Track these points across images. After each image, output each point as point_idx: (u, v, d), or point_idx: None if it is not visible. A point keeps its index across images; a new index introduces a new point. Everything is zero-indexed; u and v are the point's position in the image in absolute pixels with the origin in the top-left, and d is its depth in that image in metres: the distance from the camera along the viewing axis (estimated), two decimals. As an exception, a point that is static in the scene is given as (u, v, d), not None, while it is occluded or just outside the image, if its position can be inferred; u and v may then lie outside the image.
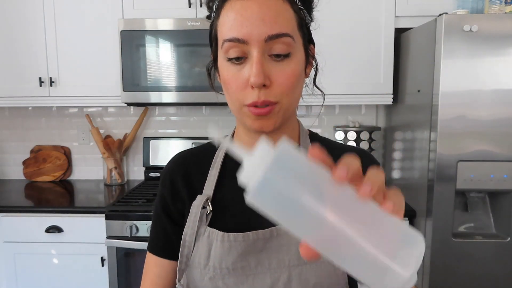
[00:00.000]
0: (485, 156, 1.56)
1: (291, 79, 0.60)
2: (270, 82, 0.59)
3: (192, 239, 0.68)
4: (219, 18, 0.62)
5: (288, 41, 0.58)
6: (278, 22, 0.57)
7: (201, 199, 0.69)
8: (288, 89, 0.60)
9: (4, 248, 1.88)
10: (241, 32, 0.57)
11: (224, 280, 0.65)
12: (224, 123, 2.38)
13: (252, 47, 0.58)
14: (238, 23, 0.58)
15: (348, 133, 2.14)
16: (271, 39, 0.57)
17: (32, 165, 2.39)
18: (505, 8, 1.67)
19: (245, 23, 0.57)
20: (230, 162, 0.73)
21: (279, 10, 0.58)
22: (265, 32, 0.57)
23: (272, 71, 0.59)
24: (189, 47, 1.93)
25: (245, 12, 0.57)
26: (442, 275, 1.64)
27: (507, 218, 1.61)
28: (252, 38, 0.57)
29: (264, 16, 0.57)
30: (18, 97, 2.08)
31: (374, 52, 1.95)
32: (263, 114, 0.61)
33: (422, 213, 1.71)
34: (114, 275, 1.81)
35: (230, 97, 0.64)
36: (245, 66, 0.60)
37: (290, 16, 0.59)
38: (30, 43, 2.04)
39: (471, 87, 1.54)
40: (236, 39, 0.58)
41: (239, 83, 0.60)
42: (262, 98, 0.59)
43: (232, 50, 0.59)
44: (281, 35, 0.58)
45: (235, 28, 0.58)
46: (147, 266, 0.75)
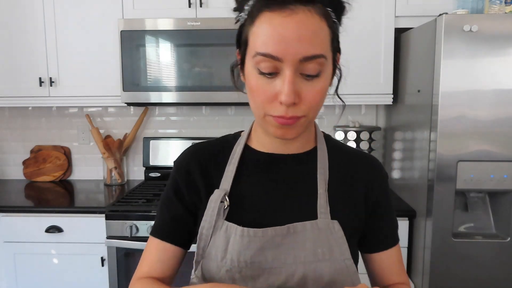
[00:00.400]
0: (485, 156, 1.56)
1: (319, 96, 0.62)
2: (299, 99, 0.60)
3: (209, 232, 0.69)
4: (253, 26, 0.61)
5: (321, 61, 0.59)
6: (314, 44, 0.58)
7: (219, 194, 0.70)
8: (315, 105, 0.62)
9: (4, 248, 1.88)
10: (276, 50, 0.57)
11: (241, 273, 0.67)
12: (224, 123, 2.38)
13: (286, 65, 0.58)
14: (275, 40, 0.57)
15: (348, 133, 2.14)
16: (306, 60, 0.58)
17: (32, 165, 2.39)
18: (505, 8, 1.67)
19: (282, 42, 0.57)
20: (248, 158, 0.75)
21: (316, 30, 0.58)
22: (300, 53, 0.57)
23: (302, 89, 0.60)
24: (189, 47, 1.93)
25: (283, 30, 0.57)
26: (442, 275, 1.64)
27: (507, 218, 1.61)
28: (287, 58, 0.57)
29: (301, 37, 0.57)
30: (18, 97, 2.08)
31: (374, 52, 1.95)
32: (288, 124, 0.62)
33: (422, 213, 1.71)
34: (114, 275, 1.81)
35: (255, 104, 0.64)
36: (275, 80, 0.60)
37: (325, 35, 0.60)
38: (30, 43, 2.04)
39: (471, 87, 1.54)
40: (270, 55, 0.58)
41: (267, 95, 0.61)
42: (290, 114, 0.60)
43: (264, 64, 0.59)
44: (315, 57, 0.58)
45: (271, 45, 0.57)
46: (147, 250, 0.75)
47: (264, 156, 0.74)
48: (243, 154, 0.75)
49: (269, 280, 0.67)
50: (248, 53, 0.63)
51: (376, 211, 0.76)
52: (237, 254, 0.67)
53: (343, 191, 0.73)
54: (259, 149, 0.75)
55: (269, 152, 0.74)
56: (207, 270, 0.70)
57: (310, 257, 0.67)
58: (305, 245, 0.67)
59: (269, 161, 0.74)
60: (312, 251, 0.67)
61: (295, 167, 0.74)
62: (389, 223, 0.79)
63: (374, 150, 2.16)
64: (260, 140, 0.75)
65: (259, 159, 0.74)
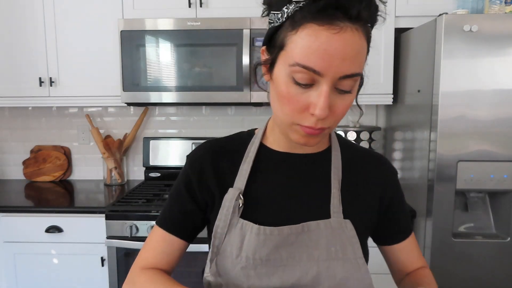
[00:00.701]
0: (485, 156, 1.56)
1: (347, 109, 0.64)
2: (330, 112, 0.61)
3: (224, 231, 0.70)
4: (295, 34, 0.58)
5: (357, 78, 0.61)
6: (356, 63, 0.58)
7: (234, 193, 0.71)
8: (342, 117, 0.64)
9: (4, 248, 1.88)
10: (319, 65, 0.57)
11: (256, 270, 0.68)
12: (224, 123, 2.38)
13: (325, 80, 0.58)
14: (319, 55, 0.56)
15: (348, 133, 2.14)
16: (345, 78, 0.58)
17: (32, 165, 2.39)
18: (505, 8, 1.67)
19: (327, 58, 0.56)
20: (263, 157, 0.76)
21: (359, 50, 0.58)
22: (342, 72, 0.57)
23: (334, 103, 0.61)
24: (189, 47, 1.93)
25: (330, 47, 0.56)
26: (442, 275, 1.64)
27: (507, 218, 1.61)
28: (328, 74, 0.57)
29: (346, 56, 0.56)
30: (18, 97, 2.08)
31: (374, 52, 1.94)
32: (314, 134, 0.63)
33: (422, 213, 1.71)
34: (114, 275, 1.81)
35: (283, 112, 0.63)
36: (310, 91, 0.59)
37: (365, 53, 0.61)
38: (30, 43, 2.04)
39: (471, 87, 1.54)
40: (312, 69, 0.57)
41: (300, 105, 0.60)
42: (319, 126, 0.61)
43: (302, 75, 0.58)
44: (354, 75, 0.59)
45: (315, 59, 0.56)
46: (153, 239, 0.76)
47: (279, 155, 0.75)
48: (258, 153, 0.76)
49: (283, 277, 0.68)
50: (283, 58, 0.61)
51: (392, 207, 0.80)
52: (252, 252, 0.68)
53: (355, 191, 0.75)
54: (275, 148, 0.76)
55: (284, 151, 0.75)
56: (222, 267, 0.70)
57: (324, 255, 0.68)
58: (318, 243, 0.69)
59: (284, 160, 0.75)
60: (326, 249, 0.69)
61: (309, 166, 0.75)
62: (404, 215, 0.84)
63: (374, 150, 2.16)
64: (276, 139, 0.76)
65: (274, 158, 0.75)
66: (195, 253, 1.77)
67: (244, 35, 1.85)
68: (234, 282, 0.69)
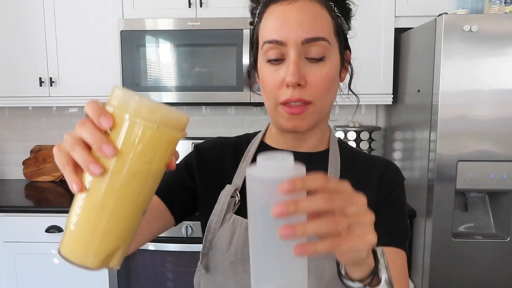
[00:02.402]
0: (485, 156, 1.56)
1: (325, 81, 0.63)
2: (305, 82, 0.62)
3: (217, 226, 0.71)
4: (261, 23, 0.66)
5: (323, 44, 0.62)
6: (315, 27, 0.61)
7: (230, 189, 0.72)
8: (322, 90, 0.63)
9: (4, 248, 1.88)
10: (280, 35, 0.61)
11: (244, 266, 0.68)
12: (224, 123, 2.38)
13: (290, 48, 0.61)
14: (278, 26, 0.62)
15: (348, 133, 2.14)
16: (308, 42, 0.61)
17: (32, 165, 2.39)
18: (505, 8, 1.67)
19: (285, 26, 0.61)
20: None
21: (317, 16, 0.62)
22: (302, 35, 0.60)
23: (307, 72, 0.62)
24: (189, 47, 1.93)
25: (285, 16, 0.61)
26: (442, 275, 1.64)
27: (507, 218, 1.61)
28: (290, 41, 0.61)
29: (303, 21, 0.61)
30: (18, 97, 2.08)
31: (374, 52, 1.95)
32: (297, 113, 0.63)
33: (422, 213, 1.71)
34: (114, 275, 1.81)
35: (266, 96, 0.67)
36: (282, 67, 0.63)
37: (327, 22, 0.63)
38: (30, 43, 2.04)
39: (471, 87, 1.54)
40: (275, 41, 0.61)
41: (275, 82, 0.64)
42: (296, 96, 0.62)
43: (271, 52, 0.63)
44: (317, 39, 0.61)
45: (275, 31, 0.62)
46: None
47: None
48: (258, 150, 0.76)
49: None
50: (259, 49, 0.66)
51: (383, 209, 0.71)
52: (241, 246, 0.68)
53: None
54: (273, 145, 0.77)
55: (282, 149, 0.76)
56: (212, 261, 0.71)
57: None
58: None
59: None
60: None
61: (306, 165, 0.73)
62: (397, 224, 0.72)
63: (374, 150, 2.16)
64: (275, 137, 0.76)
65: None
66: (195, 253, 1.77)
67: (244, 35, 1.85)
68: (222, 277, 0.70)
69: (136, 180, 0.40)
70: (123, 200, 0.40)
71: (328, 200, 0.39)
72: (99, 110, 0.39)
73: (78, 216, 0.41)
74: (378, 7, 1.93)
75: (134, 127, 0.38)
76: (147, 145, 0.39)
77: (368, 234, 0.41)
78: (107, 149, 0.38)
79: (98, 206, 0.40)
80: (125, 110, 0.39)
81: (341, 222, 0.39)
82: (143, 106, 0.38)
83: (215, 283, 0.71)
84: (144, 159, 0.39)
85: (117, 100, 0.40)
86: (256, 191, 0.41)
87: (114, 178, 0.39)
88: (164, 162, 0.42)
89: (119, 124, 0.39)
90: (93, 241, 0.40)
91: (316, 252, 0.39)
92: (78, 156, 0.39)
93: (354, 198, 0.41)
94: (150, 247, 1.75)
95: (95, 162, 0.39)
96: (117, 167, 0.39)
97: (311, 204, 0.38)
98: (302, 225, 0.38)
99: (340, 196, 0.40)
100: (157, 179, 0.42)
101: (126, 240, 0.43)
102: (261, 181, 0.40)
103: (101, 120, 0.39)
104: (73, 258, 0.41)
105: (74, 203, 0.42)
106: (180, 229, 1.75)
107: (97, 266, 0.41)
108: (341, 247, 0.40)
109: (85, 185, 0.40)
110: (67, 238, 0.41)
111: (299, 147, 0.75)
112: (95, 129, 0.39)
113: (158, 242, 1.76)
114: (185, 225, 1.75)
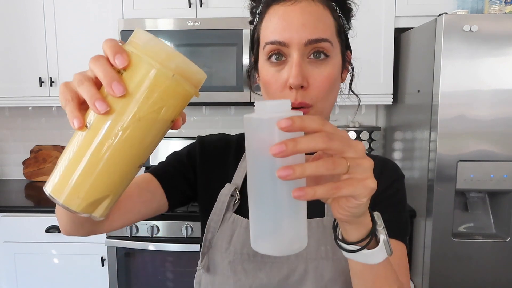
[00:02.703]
0: (485, 156, 1.56)
1: (328, 82, 0.62)
2: (308, 84, 0.61)
3: (217, 225, 0.71)
4: (262, 23, 0.65)
5: (326, 46, 0.61)
6: (318, 28, 0.60)
7: (230, 188, 0.72)
8: (323, 92, 0.62)
9: (4, 248, 1.88)
10: (282, 36, 0.60)
11: (243, 265, 0.68)
12: (224, 123, 2.38)
13: (292, 50, 0.60)
14: (280, 27, 0.61)
15: (348, 133, 2.14)
16: (311, 43, 0.60)
17: (32, 165, 2.39)
18: (505, 8, 1.67)
19: (287, 28, 0.60)
20: None
21: (319, 17, 0.61)
22: (305, 36, 0.60)
23: (309, 73, 0.61)
24: (189, 47, 1.93)
25: (288, 17, 0.60)
26: (442, 275, 1.64)
27: (507, 218, 1.61)
28: (292, 42, 0.60)
29: (305, 22, 0.60)
30: (18, 97, 2.08)
31: (374, 52, 1.95)
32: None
33: (422, 213, 1.71)
34: (114, 275, 1.81)
35: (268, 97, 0.66)
36: (284, 68, 0.62)
37: (330, 23, 0.62)
38: (30, 43, 2.04)
39: (471, 87, 1.54)
40: (277, 42, 0.61)
41: (278, 84, 0.62)
42: (299, 100, 0.61)
43: (273, 52, 0.62)
44: (320, 40, 0.60)
45: (278, 32, 0.61)
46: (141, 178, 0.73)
47: None
48: None
49: (270, 274, 0.67)
50: (260, 49, 0.65)
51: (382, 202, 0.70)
52: (240, 246, 0.68)
53: None
54: None
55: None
56: (212, 260, 0.71)
57: (313, 254, 0.67)
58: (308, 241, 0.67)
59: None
60: (315, 248, 0.67)
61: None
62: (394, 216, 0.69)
63: (374, 150, 2.16)
64: None
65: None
66: (195, 253, 1.77)
67: (244, 35, 1.85)
68: (221, 277, 0.69)
69: (139, 126, 0.38)
70: (122, 144, 0.38)
71: (328, 140, 0.37)
72: (116, 48, 0.37)
73: (73, 154, 0.39)
74: (378, 7, 1.93)
75: (149, 70, 0.37)
76: (159, 91, 0.37)
77: (368, 178, 0.40)
78: (117, 87, 0.37)
79: (95, 146, 0.38)
80: (142, 51, 0.37)
81: (341, 163, 0.38)
82: (161, 50, 0.37)
83: (214, 283, 0.71)
84: (152, 106, 0.38)
85: (136, 40, 0.38)
86: (255, 132, 0.39)
87: (117, 120, 0.37)
88: (172, 116, 0.40)
89: (134, 65, 0.37)
90: (84, 182, 0.38)
91: (315, 195, 0.37)
92: (86, 91, 0.38)
93: (353, 142, 0.40)
94: (150, 247, 1.75)
95: (102, 99, 0.37)
96: (123, 109, 0.37)
97: (311, 143, 0.37)
98: (301, 166, 0.36)
99: (339, 138, 0.38)
100: (161, 132, 0.40)
101: (117, 190, 0.41)
102: (259, 122, 0.39)
103: (116, 57, 0.37)
104: (59, 197, 0.39)
105: (71, 141, 0.40)
106: (180, 229, 1.75)
107: (82, 210, 0.39)
108: (340, 190, 0.38)
109: (87, 123, 0.38)
110: (56, 176, 0.40)
111: None
112: (108, 66, 0.38)
113: (158, 242, 1.76)
114: (185, 225, 1.75)
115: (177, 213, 1.76)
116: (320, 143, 0.37)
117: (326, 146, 0.37)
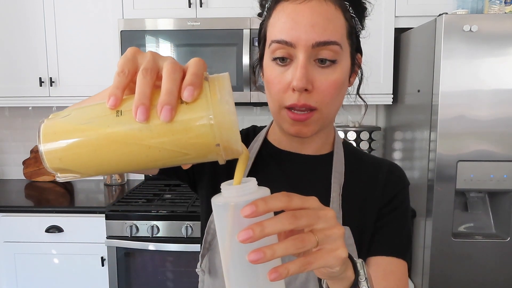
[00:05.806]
0: (485, 156, 1.56)
1: (334, 87, 0.60)
2: (312, 87, 0.59)
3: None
4: (270, 19, 0.62)
5: (335, 49, 0.58)
6: (328, 30, 0.57)
7: None
8: (329, 97, 0.60)
9: (4, 248, 1.88)
10: (290, 36, 0.58)
11: None
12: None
13: (299, 51, 0.58)
14: (288, 26, 0.58)
15: (348, 133, 2.14)
16: (319, 46, 0.57)
17: (32, 165, 2.39)
18: (505, 8, 1.67)
19: (295, 27, 0.57)
20: (265, 152, 0.74)
21: (330, 18, 0.58)
22: (313, 38, 0.57)
23: (315, 76, 0.59)
24: (189, 47, 1.93)
25: (297, 16, 0.57)
26: (442, 275, 1.64)
27: (507, 218, 1.61)
28: (300, 43, 0.57)
29: (315, 23, 0.57)
30: (18, 97, 2.08)
31: (374, 52, 1.95)
32: (301, 120, 0.61)
33: (422, 213, 1.71)
34: (114, 275, 1.81)
35: (271, 97, 0.64)
36: (289, 69, 0.60)
37: (341, 24, 0.59)
38: (30, 43, 2.04)
39: (471, 87, 1.54)
40: (284, 41, 0.58)
41: (282, 84, 0.60)
42: (302, 102, 0.59)
43: (279, 52, 0.59)
44: (329, 43, 0.57)
45: (285, 31, 0.58)
46: None
47: (280, 154, 0.73)
48: (261, 148, 0.74)
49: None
50: (266, 46, 0.63)
51: (386, 216, 0.70)
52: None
53: (357, 198, 0.70)
54: (276, 145, 0.74)
55: (286, 150, 0.73)
56: (213, 263, 0.70)
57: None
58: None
59: (285, 158, 0.72)
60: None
61: (310, 168, 0.72)
62: (396, 231, 0.70)
63: (374, 150, 2.16)
64: (277, 137, 0.74)
65: (275, 155, 0.73)
66: (195, 253, 1.77)
67: (244, 35, 1.85)
68: (221, 280, 0.68)
69: (154, 153, 0.37)
70: (130, 155, 0.37)
71: (294, 219, 0.37)
72: (195, 79, 0.35)
73: (82, 121, 0.37)
74: (378, 7, 1.93)
75: (203, 122, 0.35)
76: (194, 143, 0.36)
77: (338, 249, 0.40)
78: (165, 113, 0.34)
79: (108, 135, 0.36)
80: (212, 103, 0.35)
81: (309, 239, 0.38)
82: (228, 114, 0.35)
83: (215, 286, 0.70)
84: (179, 147, 0.36)
85: (217, 87, 0.36)
86: (222, 218, 0.40)
87: (142, 134, 0.36)
88: (184, 163, 0.40)
89: (196, 104, 0.35)
90: (69, 149, 0.38)
91: (289, 273, 0.37)
92: (143, 86, 0.35)
93: (322, 213, 0.40)
94: (150, 247, 1.75)
95: (146, 109, 0.34)
96: (155, 130, 0.35)
97: (277, 225, 0.37)
98: (271, 248, 0.37)
99: (306, 213, 0.39)
100: (166, 165, 0.40)
101: (91, 175, 0.40)
102: (224, 208, 0.39)
103: (188, 89, 0.34)
104: (44, 142, 0.40)
105: (93, 106, 0.38)
106: (180, 229, 1.76)
107: (50, 166, 0.39)
108: (312, 265, 0.39)
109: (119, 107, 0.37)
110: (55, 121, 0.39)
111: (302, 149, 0.72)
112: (176, 86, 0.35)
113: (158, 242, 1.76)
114: (185, 225, 1.75)
115: (177, 213, 1.76)
116: (286, 225, 0.37)
117: (293, 226, 0.38)
